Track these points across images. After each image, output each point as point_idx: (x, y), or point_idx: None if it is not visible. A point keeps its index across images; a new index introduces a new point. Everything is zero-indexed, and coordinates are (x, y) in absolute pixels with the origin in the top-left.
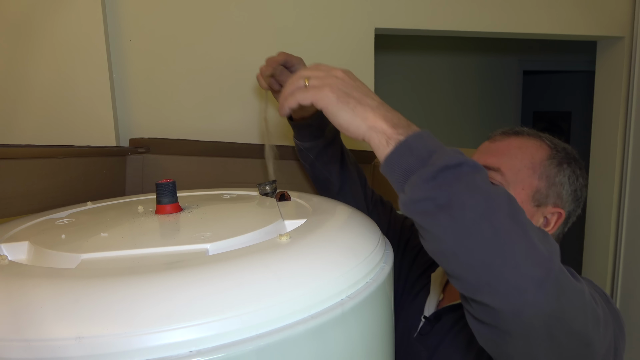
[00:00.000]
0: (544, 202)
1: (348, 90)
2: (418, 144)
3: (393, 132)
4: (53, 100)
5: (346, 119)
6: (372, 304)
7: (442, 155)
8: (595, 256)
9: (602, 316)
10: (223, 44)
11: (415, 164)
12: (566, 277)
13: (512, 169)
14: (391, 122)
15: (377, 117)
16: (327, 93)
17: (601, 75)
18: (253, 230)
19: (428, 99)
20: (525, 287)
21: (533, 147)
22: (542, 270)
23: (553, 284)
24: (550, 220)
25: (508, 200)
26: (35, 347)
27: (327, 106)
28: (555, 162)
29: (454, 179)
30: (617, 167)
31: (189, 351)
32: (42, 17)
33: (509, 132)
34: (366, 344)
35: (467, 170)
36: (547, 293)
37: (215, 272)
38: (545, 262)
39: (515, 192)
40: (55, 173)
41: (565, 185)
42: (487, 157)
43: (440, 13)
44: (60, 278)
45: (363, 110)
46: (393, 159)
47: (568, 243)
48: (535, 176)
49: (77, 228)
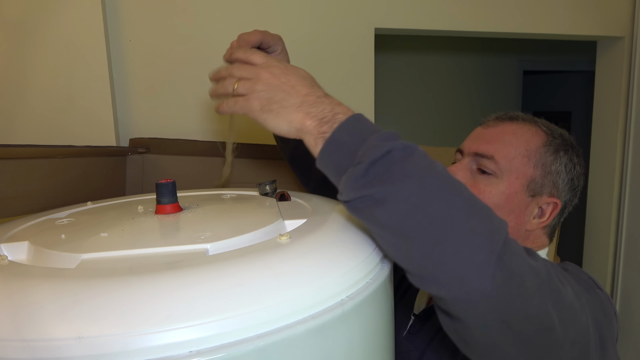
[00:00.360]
0: (539, 192)
1: (271, 93)
2: (345, 137)
3: (319, 129)
4: (53, 100)
5: (274, 126)
6: (372, 304)
7: (369, 146)
8: (595, 256)
9: (569, 299)
10: (223, 44)
11: (345, 161)
12: (515, 258)
13: (506, 156)
14: (316, 118)
15: (302, 117)
16: (251, 104)
17: (601, 75)
18: (253, 230)
19: (428, 99)
20: (467, 274)
21: (528, 134)
22: (483, 254)
23: (497, 267)
24: (545, 211)
25: (444, 181)
26: (35, 347)
27: (254, 117)
28: (551, 150)
29: (384, 171)
30: (617, 167)
31: (189, 351)
32: (42, 17)
33: (503, 118)
34: (366, 344)
35: (397, 156)
36: (491, 277)
37: (215, 272)
38: (486, 245)
39: (509, 181)
40: (55, 173)
41: (562, 173)
42: (480, 144)
43: (440, 13)
44: (60, 278)
45: (287, 113)
46: (323, 158)
47: (568, 243)
48: (530, 164)
49: (77, 228)
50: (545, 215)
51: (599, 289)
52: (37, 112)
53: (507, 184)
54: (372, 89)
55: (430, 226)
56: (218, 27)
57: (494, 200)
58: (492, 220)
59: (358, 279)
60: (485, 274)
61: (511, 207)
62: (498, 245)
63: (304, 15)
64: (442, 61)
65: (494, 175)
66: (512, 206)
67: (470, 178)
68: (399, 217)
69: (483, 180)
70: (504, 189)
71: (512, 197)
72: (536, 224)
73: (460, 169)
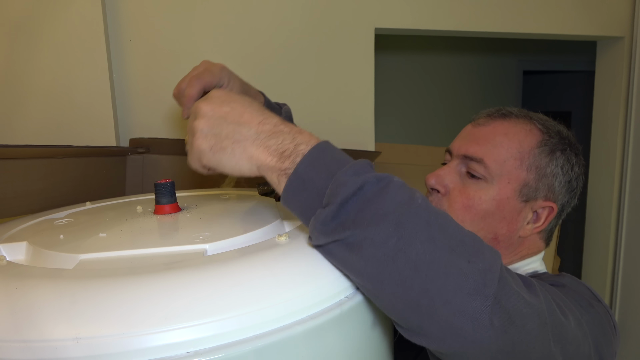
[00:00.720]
0: (533, 196)
1: (217, 127)
2: (309, 173)
3: (279, 165)
4: (53, 100)
5: (232, 165)
6: (371, 304)
7: (338, 183)
8: (595, 256)
9: (573, 332)
10: (223, 44)
11: (312, 201)
12: (513, 299)
13: (496, 159)
14: (275, 152)
15: (260, 151)
16: (198, 146)
17: (601, 75)
18: (252, 231)
19: (428, 99)
20: (461, 326)
21: (521, 133)
22: (477, 301)
23: (494, 313)
24: (540, 215)
25: (425, 217)
26: (34, 348)
27: (206, 161)
28: (546, 150)
29: (356, 212)
30: (617, 167)
31: (187, 352)
32: (43, 17)
33: (494, 115)
34: (365, 345)
35: (370, 192)
36: (489, 326)
37: (214, 273)
38: (479, 289)
39: (500, 186)
40: (54, 173)
41: (558, 176)
42: (469, 145)
43: (440, 13)
44: (58, 278)
45: (242, 148)
46: (288, 198)
47: (568, 243)
48: (523, 167)
49: (76, 228)
50: (540, 220)
51: (598, 302)
52: (37, 112)
53: (498, 189)
54: (372, 89)
55: (413, 273)
56: (218, 27)
57: (484, 206)
58: (483, 257)
59: None
60: (481, 324)
61: (502, 214)
62: (492, 287)
63: (303, 15)
64: (442, 61)
65: (484, 180)
66: (504, 213)
67: (459, 182)
68: (377, 263)
69: (472, 185)
70: (494, 195)
71: (503, 203)
72: (530, 230)
73: (448, 173)
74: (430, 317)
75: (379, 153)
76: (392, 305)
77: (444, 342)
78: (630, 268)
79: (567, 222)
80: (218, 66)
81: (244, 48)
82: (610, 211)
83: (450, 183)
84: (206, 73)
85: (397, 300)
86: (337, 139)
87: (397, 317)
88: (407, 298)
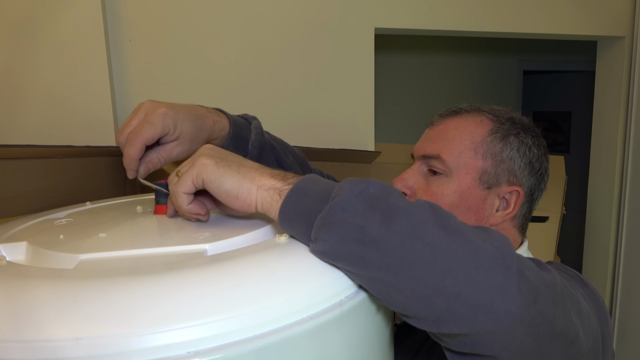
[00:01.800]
0: (495, 182)
1: (223, 155)
2: (311, 185)
3: (283, 184)
4: (53, 100)
5: (232, 183)
6: (371, 304)
7: (342, 187)
8: (595, 256)
9: (584, 305)
10: (223, 44)
11: (315, 204)
12: (533, 272)
13: (452, 153)
14: (279, 176)
15: (264, 175)
16: (202, 161)
17: (601, 75)
18: (251, 231)
19: (428, 99)
20: (490, 300)
21: (472, 125)
22: (500, 273)
23: (521, 282)
24: (509, 201)
25: (432, 210)
26: (34, 348)
27: (207, 175)
28: (499, 137)
29: (365, 207)
30: (617, 167)
31: (187, 352)
32: (42, 17)
33: (445, 114)
34: (365, 345)
35: (376, 193)
36: (519, 295)
37: (214, 273)
38: (499, 262)
39: (460, 178)
40: (54, 173)
41: (516, 159)
42: (426, 145)
43: (440, 13)
44: (58, 278)
45: (247, 170)
46: (288, 206)
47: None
48: (477, 157)
49: (76, 228)
50: (510, 206)
51: (587, 285)
52: (37, 112)
53: (458, 181)
54: (372, 89)
55: (432, 255)
56: (218, 27)
57: (447, 200)
58: (494, 237)
59: None
60: (511, 294)
61: (467, 204)
62: (513, 259)
63: (303, 16)
64: (442, 61)
65: (444, 175)
66: (468, 203)
67: (422, 182)
68: (394, 252)
69: (435, 182)
70: (455, 187)
71: (465, 194)
72: (501, 216)
73: (412, 175)
74: (457, 297)
75: (379, 153)
76: (415, 294)
77: (475, 321)
78: (630, 268)
79: (567, 222)
80: (159, 113)
81: (244, 48)
82: (610, 211)
83: (415, 184)
84: (146, 126)
85: (420, 287)
86: (337, 139)
87: (422, 307)
88: (430, 282)
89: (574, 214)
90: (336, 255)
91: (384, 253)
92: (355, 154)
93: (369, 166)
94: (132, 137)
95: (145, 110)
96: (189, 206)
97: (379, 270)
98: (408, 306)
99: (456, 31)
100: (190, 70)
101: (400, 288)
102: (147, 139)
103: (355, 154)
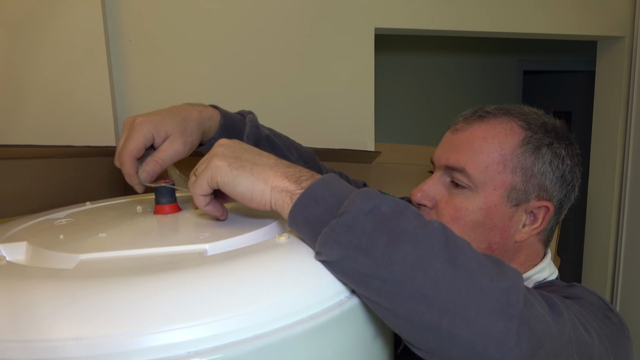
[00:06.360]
0: (524, 199)
1: (237, 153)
2: (323, 192)
3: (296, 187)
4: (53, 100)
5: (246, 185)
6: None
7: (353, 201)
8: (595, 256)
9: (597, 349)
10: (223, 44)
11: (324, 215)
12: (540, 322)
13: (478, 167)
14: (293, 177)
15: (278, 176)
16: (216, 163)
17: (601, 75)
18: (251, 231)
19: (428, 99)
20: (485, 347)
21: (501, 134)
22: (501, 321)
23: (521, 334)
24: (537, 216)
25: (443, 238)
26: (34, 348)
27: (221, 177)
28: (530, 148)
29: (373, 227)
30: (617, 167)
31: (187, 352)
32: (43, 17)
33: (471, 118)
34: (365, 345)
35: (387, 212)
36: (517, 349)
37: (214, 273)
38: (503, 308)
39: (486, 194)
40: (54, 173)
41: (548, 173)
42: (450, 155)
43: (440, 13)
44: (58, 278)
45: (261, 170)
46: (296, 212)
47: (568, 243)
48: (507, 171)
49: (76, 228)
50: (537, 221)
51: (612, 312)
52: (37, 112)
53: (484, 197)
54: (372, 89)
55: (433, 291)
56: (218, 27)
57: (472, 217)
58: (505, 276)
59: None
60: (507, 346)
61: (493, 222)
62: (517, 307)
63: (304, 15)
64: (442, 61)
65: (469, 189)
66: (494, 221)
67: (445, 193)
68: (395, 281)
69: (459, 195)
70: (481, 204)
71: (492, 211)
72: (528, 232)
73: (433, 186)
74: (451, 338)
75: (379, 153)
76: (411, 325)
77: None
78: (630, 268)
79: (567, 222)
80: (136, 124)
81: (244, 48)
82: (610, 211)
83: (437, 195)
84: (127, 141)
85: (415, 320)
86: (337, 139)
87: (416, 338)
88: (426, 317)
89: (574, 214)
90: (337, 271)
91: (385, 279)
92: (355, 154)
93: (369, 166)
94: (120, 156)
95: (126, 127)
96: (207, 207)
97: (378, 294)
98: (402, 332)
99: (456, 31)
100: (190, 70)
101: (397, 315)
102: (132, 152)
103: (355, 154)
